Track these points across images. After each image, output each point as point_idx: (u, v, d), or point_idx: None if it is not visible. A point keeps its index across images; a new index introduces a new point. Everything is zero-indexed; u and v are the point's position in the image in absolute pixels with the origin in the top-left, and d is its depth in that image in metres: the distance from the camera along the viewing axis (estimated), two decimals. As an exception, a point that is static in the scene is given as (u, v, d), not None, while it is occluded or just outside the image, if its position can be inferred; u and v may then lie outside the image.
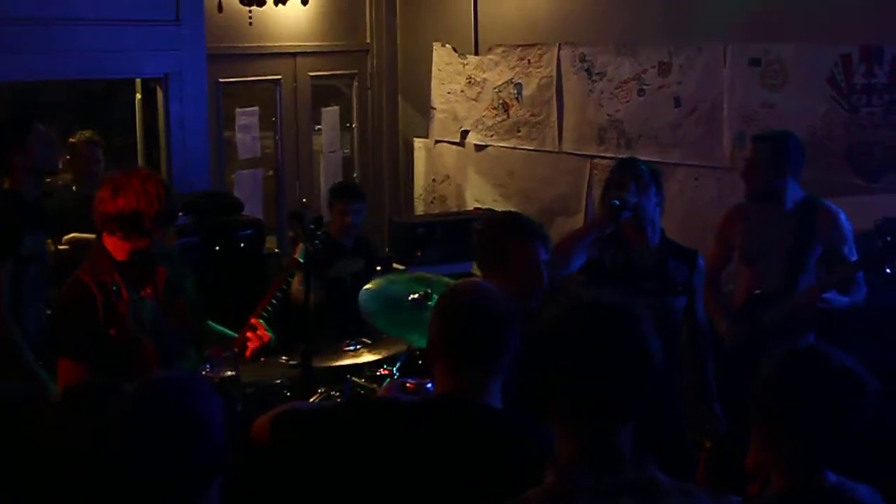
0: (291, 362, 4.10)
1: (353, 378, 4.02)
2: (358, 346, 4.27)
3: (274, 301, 3.68)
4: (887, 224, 4.39)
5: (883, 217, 4.61)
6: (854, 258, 4.33)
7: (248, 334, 3.65)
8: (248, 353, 3.61)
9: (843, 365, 2.17)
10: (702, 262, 4.08)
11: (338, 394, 3.91)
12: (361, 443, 2.35)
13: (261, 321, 3.69)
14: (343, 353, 4.22)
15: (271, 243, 7.09)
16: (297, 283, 4.47)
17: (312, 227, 3.83)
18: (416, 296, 3.91)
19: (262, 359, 3.95)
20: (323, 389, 3.91)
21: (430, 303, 3.81)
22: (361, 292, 4.07)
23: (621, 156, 6.29)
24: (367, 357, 4.18)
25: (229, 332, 3.75)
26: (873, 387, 2.17)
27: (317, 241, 3.80)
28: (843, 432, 2.15)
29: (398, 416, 2.40)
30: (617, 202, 3.78)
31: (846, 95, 5.30)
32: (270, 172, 7.57)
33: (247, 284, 5.88)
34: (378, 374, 4.06)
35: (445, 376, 2.40)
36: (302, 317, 3.73)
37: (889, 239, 3.93)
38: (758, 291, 4.43)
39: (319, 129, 7.95)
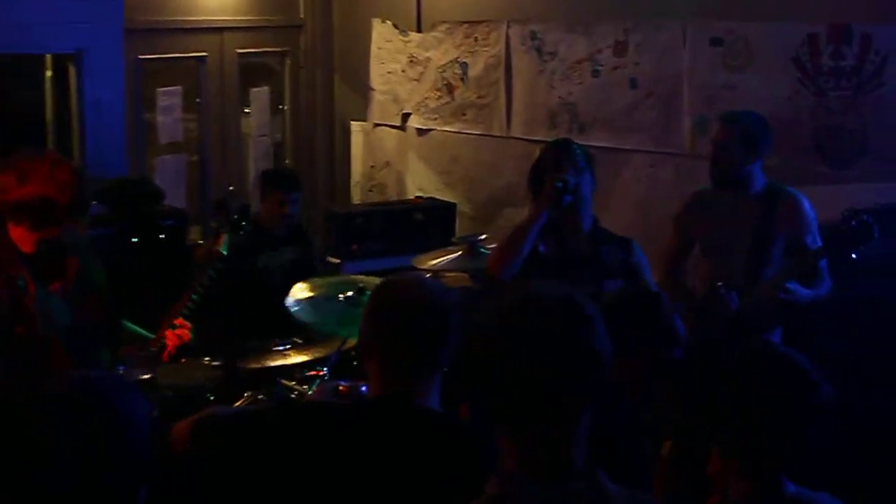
0: (215, 363, 4.10)
1: (283, 381, 4.02)
2: (288, 346, 4.27)
3: (195, 297, 3.64)
4: (854, 213, 4.45)
5: (850, 207, 4.67)
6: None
7: (167, 332, 3.61)
8: (166, 353, 3.57)
9: (795, 366, 2.21)
10: (637, 248, 4.15)
11: (266, 397, 3.89)
12: (289, 449, 2.34)
13: (183, 319, 3.66)
14: (272, 354, 4.21)
15: (195, 235, 7.02)
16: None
17: (237, 217, 3.81)
18: (350, 294, 3.91)
19: (183, 360, 3.92)
20: (249, 393, 3.90)
21: (363, 297, 3.83)
22: (288, 303, 4.06)
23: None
24: (298, 357, 4.17)
25: (146, 332, 3.70)
26: (827, 389, 2.19)
27: (242, 233, 3.78)
28: (799, 438, 2.18)
29: (329, 420, 2.39)
30: (560, 185, 3.81)
31: (813, 78, 5.36)
32: (194, 158, 7.51)
33: (168, 279, 5.75)
34: (309, 375, 4.05)
35: (379, 377, 2.40)
36: (226, 313, 3.70)
37: (853, 223, 3.96)
38: (720, 283, 4.46)
39: (248, 112, 7.90)
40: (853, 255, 4.02)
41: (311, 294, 4.19)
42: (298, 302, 4.10)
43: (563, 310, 1.85)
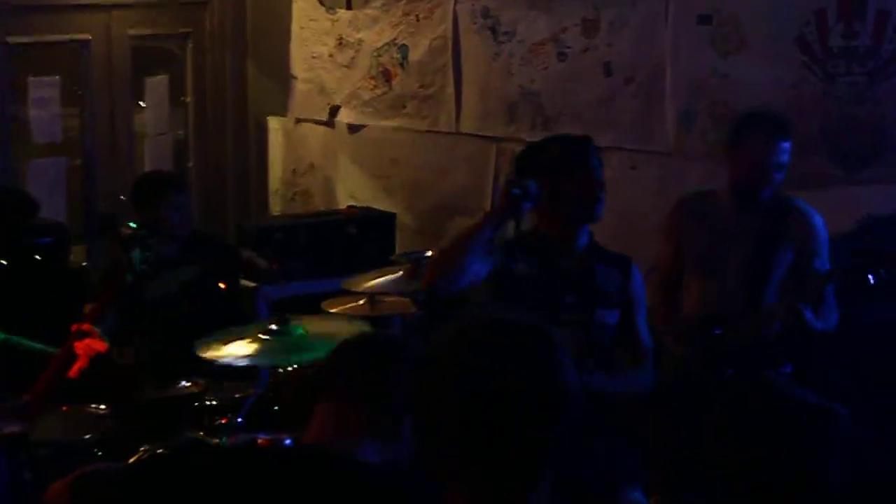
0: (103, 410, 4.04)
1: (187, 431, 3.99)
2: (193, 389, 4.24)
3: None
4: (874, 224, 4.46)
5: (867, 214, 4.67)
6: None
7: (76, 344, 3.58)
8: (76, 368, 3.53)
9: (806, 403, 2.25)
10: (637, 271, 4.12)
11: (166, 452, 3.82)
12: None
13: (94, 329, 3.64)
14: (174, 398, 4.18)
15: (78, 255, 6.93)
16: None
17: (141, 231, 3.79)
18: (273, 327, 3.93)
19: (64, 407, 3.87)
20: (147, 447, 3.83)
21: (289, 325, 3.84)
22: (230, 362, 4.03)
23: (536, 138, 6.34)
24: (206, 402, 4.17)
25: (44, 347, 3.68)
26: (847, 425, 2.27)
27: (147, 253, 3.76)
28: (816, 486, 2.22)
29: (233, 476, 2.37)
30: (517, 191, 3.79)
31: (821, 62, 5.38)
32: (77, 161, 7.46)
33: (46, 310, 5.70)
34: (220, 424, 4.02)
35: (318, 425, 2.48)
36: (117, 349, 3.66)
37: (871, 279, 4.03)
38: (708, 312, 4.47)
39: (143, 105, 7.86)
40: (870, 279, 4.07)
41: (252, 347, 4.15)
42: (234, 357, 4.06)
43: (523, 339, 1.88)
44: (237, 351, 3.95)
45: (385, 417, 2.46)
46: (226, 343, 3.97)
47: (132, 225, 3.84)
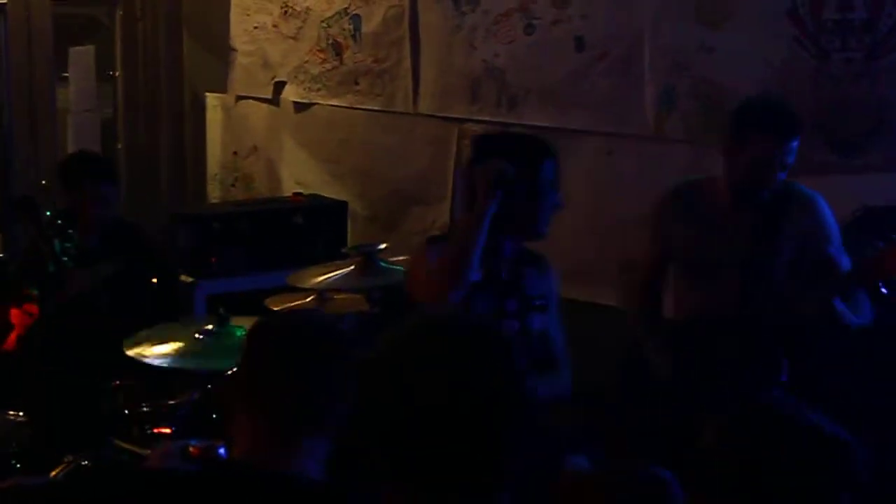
0: (21, 417, 4.02)
1: (116, 439, 3.98)
2: (121, 392, 4.22)
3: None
4: (871, 216, 4.47)
5: (863, 205, 4.70)
6: (844, 263, 4.39)
7: (12, 312, 3.59)
8: (13, 337, 3.55)
9: (821, 434, 2.22)
10: (553, 271, 4.20)
11: (91, 463, 3.80)
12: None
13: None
14: (100, 403, 4.16)
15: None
16: None
17: (58, 220, 3.79)
18: (209, 326, 3.92)
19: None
20: (71, 458, 3.80)
21: (227, 326, 3.85)
22: (152, 361, 4.04)
23: (501, 119, 6.37)
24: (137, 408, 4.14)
25: None
26: (857, 450, 2.22)
27: (68, 244, 3.76)
28: None
29: (166, 493, 2.41)
30: (504, 174, 3.86)
31: (814, 36, 5.41)
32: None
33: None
34: (151, 433, 4.03)
35: (242, 435, 2.49)
36: (35, 350, 3.66)
37: (881, 244, 4.00)
38: (697, 316, 4.48)
39: (66, 79, 7.83)
40: (882, 289, 4.08)
41: (174, 346, 4.16)
42: (165, 358, 4.06)
43: (476, 338, 1.91)
44: (169, 352, 3.97)
45: (302, 428, 2.48)
46: (157, 343, 3.98)
47: (48, 213, 3.84)
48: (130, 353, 3.96)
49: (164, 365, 3.98)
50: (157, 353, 3.96)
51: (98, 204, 5.25)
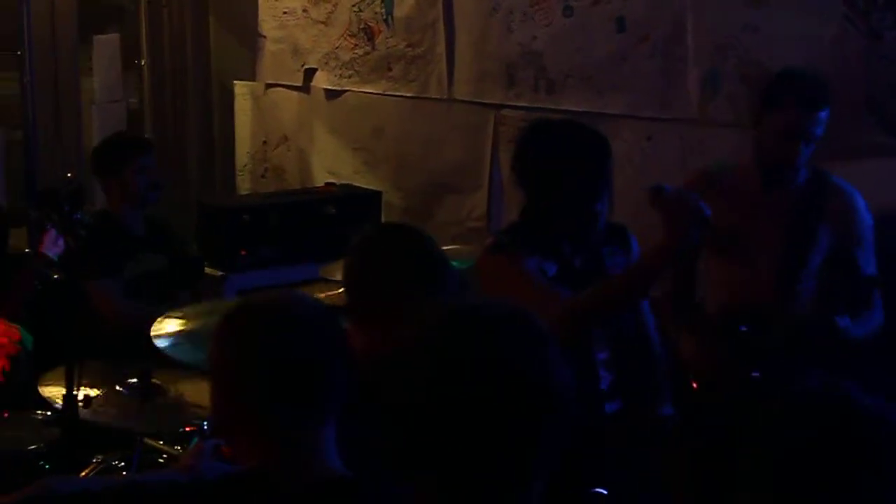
0: (50, 416, 4.05)
1: (147, 439, 4.01)
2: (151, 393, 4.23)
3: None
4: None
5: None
6: (871, 267, 4.39)
7: None
8: None
9: (883, 416, 2.18)
10: (635, 242, 4.15)
11: (123, 463, 3.91)
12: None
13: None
14: (131, 402, 4.15)
15: (20, 239, 6.91)
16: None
17: (69, 209, 3.81)
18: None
19: (6, 413, 3.86)
20: (101, 457, 3.92)
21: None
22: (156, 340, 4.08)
23: (540, 104, 6.36)
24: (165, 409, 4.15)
25: None
26: None
27: (83, 231, 3.78)
28: None
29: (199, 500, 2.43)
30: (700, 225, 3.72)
31: (864, 14, 5.38)
32: (15, 134, 7.49)
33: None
34: (183, 432, 4.06)
35: (252, 440, 2.47)
36: (65, 346, 3.67)
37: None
38: (732, 303, 4.47)
39: (91, 69, 7.85)
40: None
41: (183, 327, 4.16)
42: (169, 338, 4.06)
43: (509, 327, 1.91)
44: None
45: (330, 413, 2.48)
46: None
47: (84, 218, 3.88)
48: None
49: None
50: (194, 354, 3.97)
51: (141, 177, 5.39)
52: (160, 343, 4.05)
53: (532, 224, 3.96)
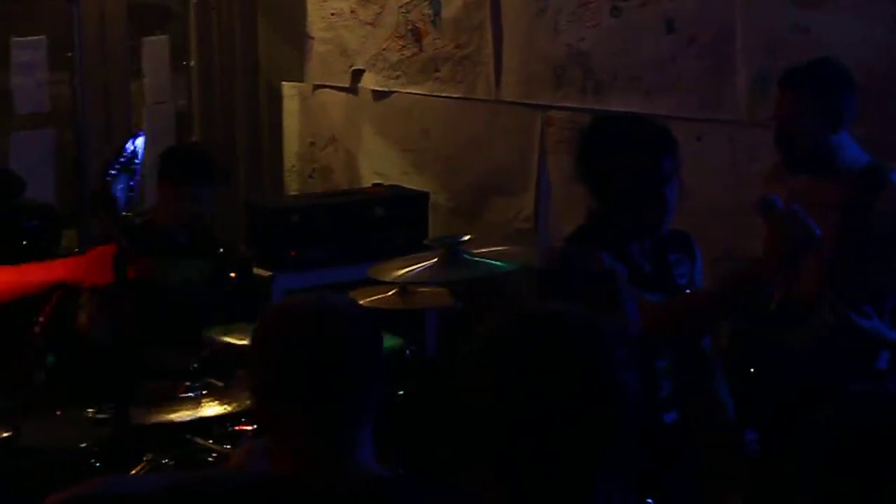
0: (101, 416, 4.06)
1: (196, 438, 4.02)
2: (202, 391, 4.28)
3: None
4: None
5: None
6: None
7: None
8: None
9: None
10: (699, 250, 4.15)
11: (173, 462, 3.89)
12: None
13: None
14: (180, 402, 4.22)
15: (70, 240, 6.97)
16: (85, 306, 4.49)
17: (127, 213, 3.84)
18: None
19: (58, 411, 3.88)
20: (150, 456, 3.89)
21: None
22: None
23: (587, 105, 6.36)
24: (216, 407, 4.20)
25: None
26: None
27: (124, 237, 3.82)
28: None
29: (253, 498, 2.44)
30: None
31: (916, 14, 5.36)
32: (66, 134, 7.47)
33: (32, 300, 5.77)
34: (233, 431, 4.08)
35: (289, 442, 2.48)
36: (115, 347, 3.69)
37: None
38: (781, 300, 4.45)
39: (140, 70, 7.88)
40: None
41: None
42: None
43: (578, 331, 1.92)
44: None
45: (366, 415, 2.49)
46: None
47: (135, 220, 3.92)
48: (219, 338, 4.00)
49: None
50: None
51: (194, 203, 5.37)
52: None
53: (599, 226, 3.96)
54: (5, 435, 3.36)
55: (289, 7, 7.97)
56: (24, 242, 6.18)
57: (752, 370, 4.45)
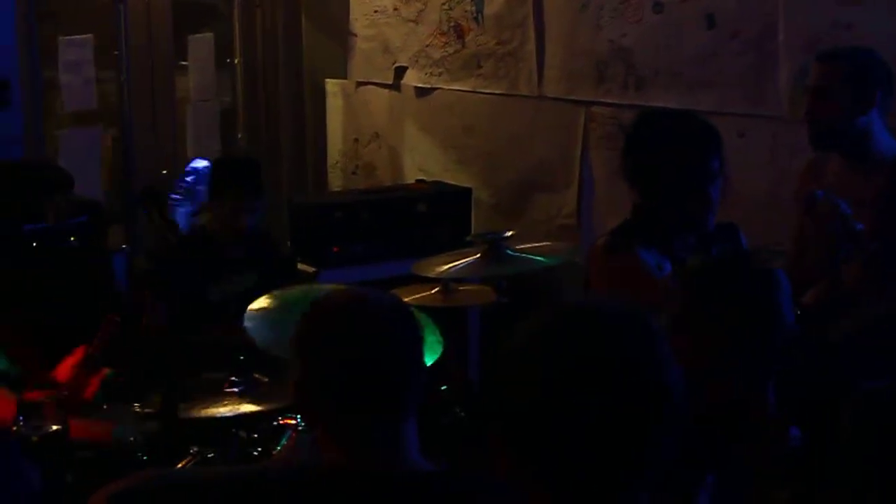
0: (148, 410, 4.10)
1: (241, 432, 4.04)
2: (246, 386, 4.29)
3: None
4: None
5: None
6: None
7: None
8: (87, 393, 3.61)
9: None
10: (745, 242, 4.15)
11: (218, 456, 3.91)
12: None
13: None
14: (225, 397, 4.23)
15: (116, 236, 7.02)
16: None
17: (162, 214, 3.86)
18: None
19: (105, 406, 3.90)
20: (196, 449, 3.91)
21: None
22: (246, 317, 4.13)
23: (629, 101, 6.36)
24: (261, 402, 4.19)
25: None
26: None
27: (174, 240, 3.83)
28: None
29: (302, 494, 2.44)
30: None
31: (959, 10, 5.34)
32: (113, 131, 7.52)
33: (79, 296, 5.80)
34: (278, 425, 4.06)
35: (333, 436, 2.49)
36: (163, 345, 3.72)
37: None
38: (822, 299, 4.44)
39: (186, 67, 7.93)
40: None
41: (265, 305, 4.21)
42: (253, 316, 4.11)
43: (623, 326, 1.89)
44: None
45: (412, 410, 2.51)
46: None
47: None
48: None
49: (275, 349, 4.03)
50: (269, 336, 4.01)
51: (248, 217, 5.34)
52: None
53: (645, 221, 3.96)
54: (58, 428, 3.38)
55: (332, 4, 8.00)
56: (72, 239, 6.21)
57: (795, 365, 4.44)
